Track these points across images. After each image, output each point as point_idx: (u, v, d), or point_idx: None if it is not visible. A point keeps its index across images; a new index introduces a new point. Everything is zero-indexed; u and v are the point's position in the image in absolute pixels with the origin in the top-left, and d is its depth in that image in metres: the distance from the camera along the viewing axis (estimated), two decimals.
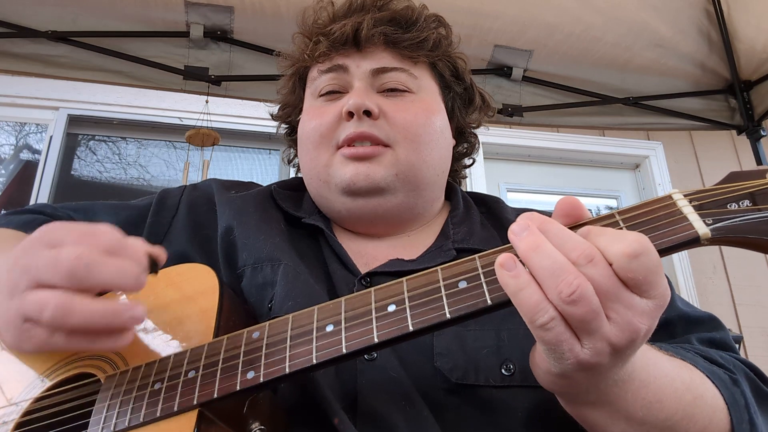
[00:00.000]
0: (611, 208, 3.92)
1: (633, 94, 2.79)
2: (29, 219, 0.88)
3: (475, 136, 1.04)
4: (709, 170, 3.87)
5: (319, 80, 0.91)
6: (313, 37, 0.92)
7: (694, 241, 0.51)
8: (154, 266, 0.60)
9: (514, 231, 0.52)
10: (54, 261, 0.54)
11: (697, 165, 3.90)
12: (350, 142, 0.83)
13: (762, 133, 2.68)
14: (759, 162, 2.65)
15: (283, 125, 1.06)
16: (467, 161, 1.07)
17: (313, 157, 0.87)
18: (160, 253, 0.61)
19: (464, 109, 0.99)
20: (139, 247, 0.59)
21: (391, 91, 0.88)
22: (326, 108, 0.88)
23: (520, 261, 0.51)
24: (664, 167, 3.84)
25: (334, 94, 0.89)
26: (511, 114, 2.66)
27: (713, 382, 0.65)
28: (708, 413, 0.62)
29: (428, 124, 0.87)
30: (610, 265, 0.48)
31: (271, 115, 1.07)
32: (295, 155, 1.05)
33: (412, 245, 0.87)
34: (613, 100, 2.79)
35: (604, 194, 3.91)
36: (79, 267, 0.53)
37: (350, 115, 0.83)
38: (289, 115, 1.02)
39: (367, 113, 0.83)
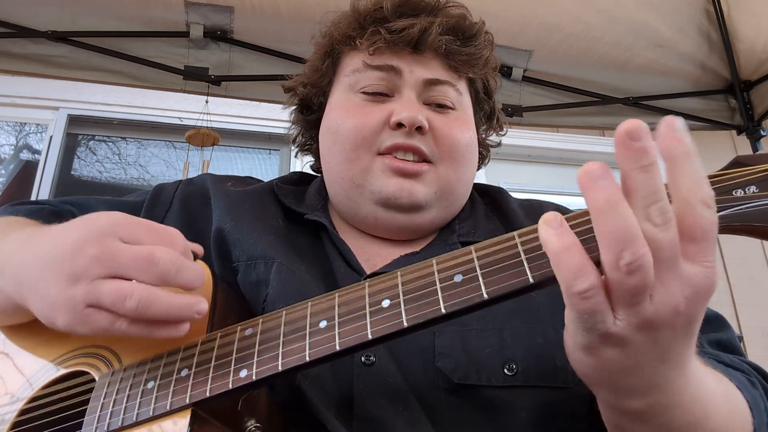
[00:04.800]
0: None
1: (633, 94, 2.78)
2: (37, 208, 0.87)
3: (488, 149, 1.04)
4: (709, 170, 3.76)
5: (364, 74, 0.86)
6: (368, 25, 0.87)
7: None
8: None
9: (591, 175, 0.44)
10: (148, 259, 0.56)
11: None
12: (395, 150, 0.81)
13: (762, 133, 2.68)
14: None
15: (296, 101, 1.00)
16: None
17: (350, 158, 0.83)
18: (199, 249, 0.65)
19: (485, 124, 0.99)
20: (189, 246, 0.62)
21: (439, 106, 0.86)
22: (370, 109, 0.84)
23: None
24: (664, 167, 3.83)
25: (380, 96, 0.86)
26: (511, 114, 2.66)
27: (738, 388, 0.62)
28: (741, 424, 0.59)
29: (468, 144, 0.87)
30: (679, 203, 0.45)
31: (284, 88, 1.01)
32: (299, 134, 1.02)
33: (418, 242, 0.87)
34: (613, 100, 2.79)
35: None
36: (172, 270, 0.56)
37: (398, 126, 0.81)
38: (311, 94, 0.96)
39: (418, 128, 0.81)
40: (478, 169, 1.05)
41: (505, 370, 0.67)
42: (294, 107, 1.01)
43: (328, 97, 0.93)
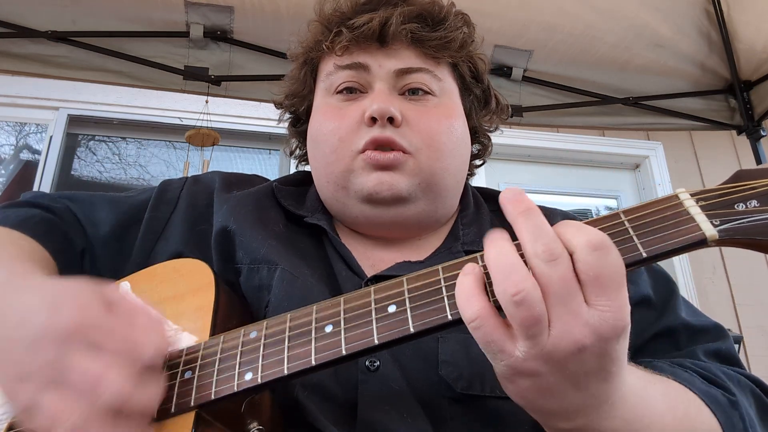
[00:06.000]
0: (611, 208, 3.92)
1: (633, 94, 2.78)
2: (27, 215, 0.83)
3: (489, 138, 1.01)
4: (709, 170, 3.86)
5: (335, 76, 0.86)
6: (333, 27, 0.86)
7: (701, 243, 0.50)
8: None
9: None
10: (93, 387, 0.50)
11: (697, 165, 3.89)
12: (373, 146, 0.80)
13: (762, 133, 2.68)
14: (759, 162, 2.65)
15: (288, 114, 1.00)
16: (477, 161, 1.03)
17: (330, 162, 0.83)
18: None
19: (480, 110, 0.95)
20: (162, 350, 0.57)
21: (414, 92, 0.84)
22: (345, 109, 0.84)
23: None
24: (664, 167, 3.83)
25: (352, 93, 0.85)
26: (511, 114, 2.65)
27: (709, 407, 0.63)
28: None
29: (450, 131, 0.84)
30: (572, 256, 0.48)
31: (275, 103, 1.01)
32: (297, 147, 1.02)
33: (421, 247, 0.85)
34: (613, 100, 2.79)
35: (603, 194, 3.91)
36: (118, 401, 0.51)
37: (372, 120, 0.80)
38: (296, 105, 0.97)
39: (390, 119, 0.80)
40: (482, 162, 1.04)
41: None
42: (287, 121, 1.01)
43: (312, 105, 0.92)
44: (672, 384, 0.63)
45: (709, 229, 0.49)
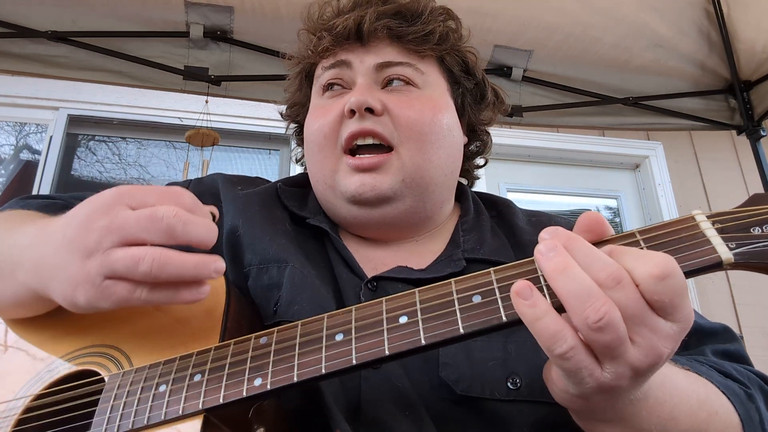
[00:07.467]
0: (611, 208, 3.92)
1: (633, 94, 2.79)
2: (48, 202, 0.87)
3: (488, 134, 1.01)
4: (709, 170, 3.87)
5: (323, 77, 0.89)
6: (316, 32, 0.90)
7: (717, 266, 0.50)
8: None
9: (541, 251, 0.50)
10: (151, 218, 0.55)
11: (697, 165, 3.90)
12: (353, 139, 0.81)
13: (762, 133, 2.68)
14: (759, 162, 2.65)
15: (292, 124, 1.03)
16: (479, 161, 1.03)
17: (318, 160, 0.85)
18: (216, 210, 0.63)
19: (475, 105, 0.96)
20: (202, 206, 0.61)
21: (397, 82, 0.85)
22: (329, 106, 0.86)
23: (544, 283, 0.51)
24: (663, 167, 3.84)
25: (337, 89, 0.87)
26: (511, 114, 2.66)
27: (728, 398, 0.64)
28: (721, 430, 0.62)
29: (434, 121, 0.84)
30: (637, 286, 0.48)
31: (281, 114, 1.04)
32: (303, 154, 1.02)
33: (420, 252, 0.86)
34: (613, 100, 2.79)
35: (603, 194, 3.92)
36: (179, 224, 0.55)
37: (352, 112, 0.81)
38: (297, 113, 1.00)
39: (370, 110, 0.81)
40: (484, 162, 1.04)
41: (509, 384, 0.67)
42: (293, 130, 1.03)
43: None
44: (691, 372, 0.65)
45: (725, 252, 0.49)
